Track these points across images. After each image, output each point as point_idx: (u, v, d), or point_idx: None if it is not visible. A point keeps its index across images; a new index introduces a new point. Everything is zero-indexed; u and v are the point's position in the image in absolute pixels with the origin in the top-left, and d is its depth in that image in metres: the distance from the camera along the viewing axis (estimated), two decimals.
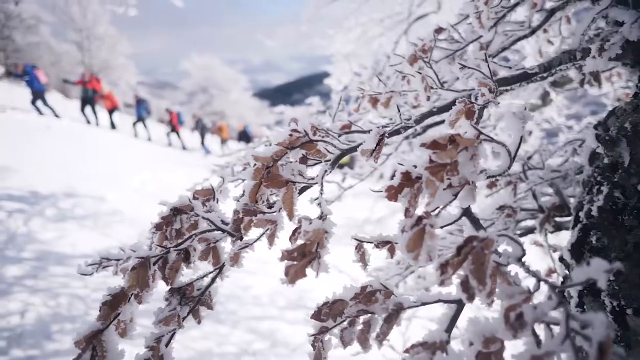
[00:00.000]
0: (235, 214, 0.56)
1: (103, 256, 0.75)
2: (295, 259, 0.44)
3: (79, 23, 29.14)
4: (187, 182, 6.15)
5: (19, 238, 4.13)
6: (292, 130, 0.55)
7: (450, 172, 0.42)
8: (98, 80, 13.15)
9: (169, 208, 0.58)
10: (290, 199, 0.52)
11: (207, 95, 36.17)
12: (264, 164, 0.52)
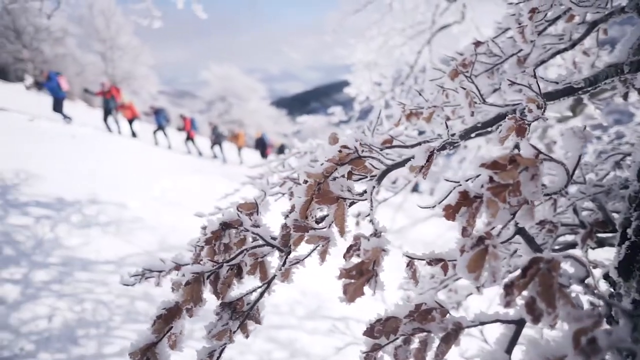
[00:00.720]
0: (284, 229, 0.57)
1: (145, 267, 0.76)
2: (354, 277, 0.45)
3: (103, 34, 30.02)
4: (206, 190, 6.34)
5: (46, 244, 4.24)
6: (342, 146, 0.56)
7: (512, 192, 0.42)
8: (118, 89, 13.46)
9: (218, 222, 0.58)
10: (342, 215, 0.52)
11: (226, 104, 36.68)
12: (316, 180, 0.52)
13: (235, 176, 13.27)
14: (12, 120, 10.54)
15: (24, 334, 2.84)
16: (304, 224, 0.53)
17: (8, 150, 7.10)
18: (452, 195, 0.46)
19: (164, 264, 0.77)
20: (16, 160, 6.61)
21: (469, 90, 0.69)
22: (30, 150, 7.77)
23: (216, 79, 37.02)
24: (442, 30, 3.74)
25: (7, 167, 6.11)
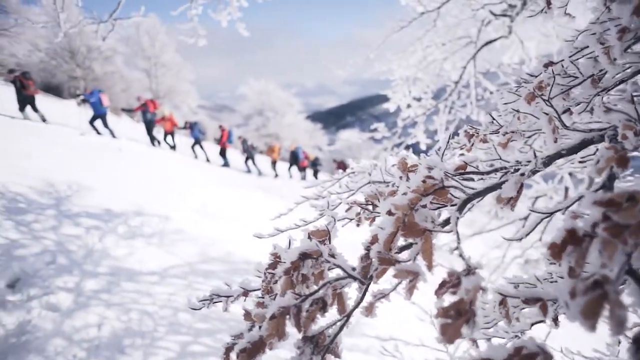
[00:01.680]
0: (364, 260, 0.55)
1: (213, 292, 0.76)
2: (452, 317, 0.42)
3: (148, 52, 31.54)
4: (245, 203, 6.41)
5: (95, 254, 4.41)
6: (426, 177, 0.54)
7: (634, 234, 0.39)
8: (153, 102, 13.96)
9: (297, 253, 0.58)
10: (430, 249, 0.50)
11: (263, 118, 37.47)
12: (403, 212, 0.51)
13: (272, 190, 13.43)
14: (65, 135, 11.16)
15: (76, 342, 2.95)
16: (390, 256, 0.51)
17: (62, 163, 7.50)
18: (558, 233, 0.43)
19: (231, 289, 0.77)
20: (69, 172, 6.96)
21: (553, 116, 0.66)
22: (81, 163, 8.18)
23: (254, 94, 37.96)
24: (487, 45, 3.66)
25: (60, 179, 6.45)
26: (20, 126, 10.66)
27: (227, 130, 15.86)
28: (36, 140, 9.05)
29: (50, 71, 27.63)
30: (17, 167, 6.22)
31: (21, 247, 3.92)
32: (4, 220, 4.37)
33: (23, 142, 8.43)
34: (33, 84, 11.41)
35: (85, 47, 27.11)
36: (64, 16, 3.74)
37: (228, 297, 0.76)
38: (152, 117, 13.87)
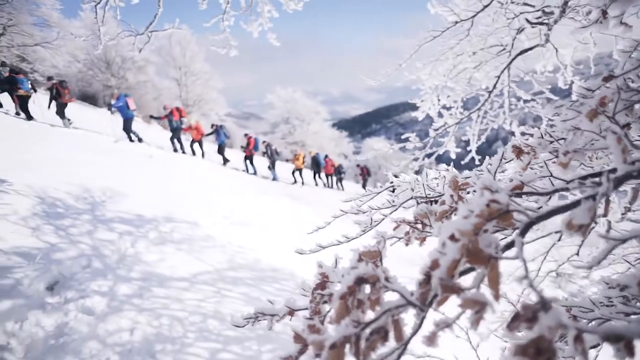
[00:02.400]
0: (422, 286, 0.53)
1: (258, 311, 0.76)
2: (531, 355, 0.40)
3: (179, 62, 32.51)
4: (273, 211, 6.43)
5: (128, 258, 4.52)
6: (491, 200, 0.52)
7: None
8: (179, 110, 14.26)
9: (353, 277, 0.56)
10: (496, 278, 0.48)
11: (289, 126, 37.86)
12: (468, 238, 0.49)
13: (299, 197, 13.47)
14: (100, 142, 11.56)
15: (110, 345, 3.01)
16: (454, 284, 0.49)
17: (97, 170, 7.75)
18: None
19: (275, 307, 0.76)
20: (103, 179, 7.19)
21: (621, 135, 0.62)
22: (114, 169, 8.44)
23: (280, 102, 38.44)
24: (522, 54, 3.57)
25: (96, 185, 6.66)
26: (59, 133, 11.11)
27: (254, 138, 16.07)
28: (73, 147, 9.40)
29: (87, 80, 28.84)
30: (56, 173, 6.47)
31: (59, 251, 4.05)
32: (44, 224, 4.53)
33: (61, 149, 8.77)
34: (68, 92, 11.88)
35: (120, 57, 28.24)
36: (104, 29, 3.87)
37: (273, 315, 0.75)
38: (178, 125, 14.18)
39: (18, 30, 20.75)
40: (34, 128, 10.84)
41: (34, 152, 7.69)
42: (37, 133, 10.22)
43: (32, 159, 7.00)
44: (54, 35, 22.07)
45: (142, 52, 4.77)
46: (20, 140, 8.56)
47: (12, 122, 10.77)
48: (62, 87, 11.82)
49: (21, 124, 10.86)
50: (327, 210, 12.27)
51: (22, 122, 11.28)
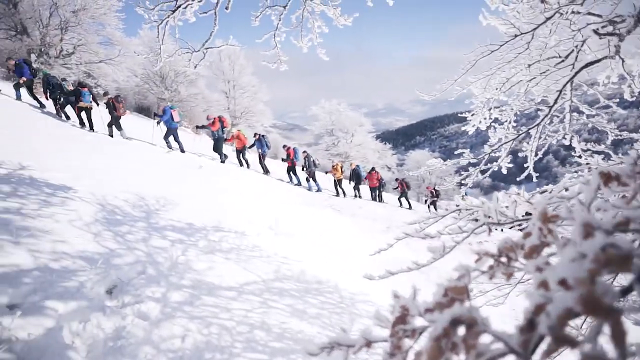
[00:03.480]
0: (524, 333, 0.50)
1: (333, 340, 0.74)
2: None
3: (228, 75, 33.78)
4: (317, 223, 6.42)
5: (179, 266, 4.67)
6: (607, 244, 0.48)
7: None
8: (222, 120, 14.66)
9: (448, 318, 0.54)
10: (621, 334, 0.44)
11: (333, 138, 38.08)
12: (583, 286, 0.45)
13: (343, 209, 13.46)
14: (154, 153, 12.13)
15: (163, 351, 3.11)
16: (568, 335, 0.45)
17: (151, 179, 8.13)
18: None
19: (351, 337, 0.74)
20: (157, 188, 7.52)
21: None
22: (167, 179, 8.82)
23: (325, 114, 38.80)
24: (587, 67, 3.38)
25: (150, 193, 6.97)
26: (116, 144, 11.77)
27: (293, 148, 16.34)
28: (129, 157, 9.92)
29: (143, 94, 30.55)
30: (114, 182, 6.84)
31: (118, 257, 4.26)
32: (104, 230, 4.79)
33: (119, 159, 9.28)
34: (123, 106, 12.61)
35: (174, 71, 29.74)
36: (164, 47, 4.07)
37: (349, 346, 0.73)
38: (220, 135, 14.59)
39: (86, 49, 22.56)
40: (96, 139, 11.56)
41: (95, 161, 8.19)
42: (98, 143, 10.89)
43: (94, 168, 7.45)
44: (116, 52, 23.82)
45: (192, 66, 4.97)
46: (84, 150, 9.14)
47: (78, 133, 11.54)
48: (117, 101, 12.59)
49: (85, 135, 11.62)
50: (370, 223, 12.15)
51: (85, 132, 12.07)
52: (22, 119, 10.68)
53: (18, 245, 3.67)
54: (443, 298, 0.64)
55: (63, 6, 21.02)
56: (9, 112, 11.08)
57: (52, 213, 4.66)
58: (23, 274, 3.29)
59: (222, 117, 14.64)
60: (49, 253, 3.78)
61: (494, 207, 1.05)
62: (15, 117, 10.59)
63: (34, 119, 11.45)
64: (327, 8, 4.81)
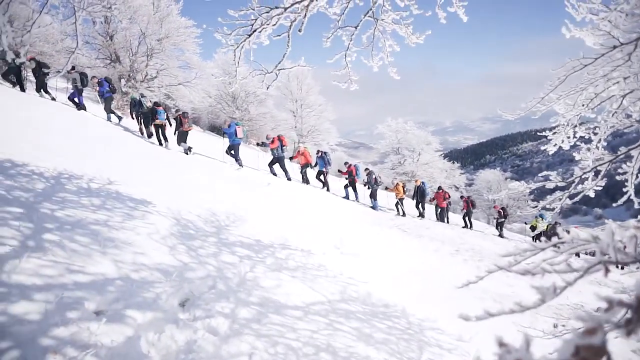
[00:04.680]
0: None
1: None
2: None
3: (296, 95, 34.90)
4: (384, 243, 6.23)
5: (248, 283, 4.75)
6: None
7: None
8: (281, 138, 14.96)
9: None
10: None
11: (399, 156, 37.54)
12: None
13: (410, 229, 13.09)
14: (225, 170, 12.70)
15: None
16: None
17: (222, 195, 8.49)
18: None
19: None
20: (227, 203, 7.82)
21: None
22: (236, 195, 9.15)
23: (391, 132, 38.45)
24: None
25: (221, 209, 7.25)
26: (189, 160, 12.48)
27: (354, 165, 16.32)
28: (201, 173, 10.45)
29: (216, 113, 32.41)
30: (188, 197, 7.22)
31: (190, 270, 4.42)
32: (179, 244, 5.02)
33: (191, 174, 9.81)
34: (187, 121, 13.52)
35: (244, 92, 31.31)
36: (240, 70, 4.25)
37: None
38: (280, 154, 14.89)
39: (167, 73, 24.63)
40: (170, 155, 12.37)
41: (170, 176, 8.73)
42: (172, 160, 11.63)
43: (170, 183, 7.93)
44: (193, 75, 25.72)
45: (264, 87, 5.12)
46: (160, 165, 9.80)
47: (155, 150, 12.44)
48: (183, 117, 13.53)
49: (161, 151, 12.49)
50: (438, 245, 11.68)
51: (161, 149, 12.98)
52: (111, 138, 11.72)
53: (104, 255, 3.94)
54: (573, 358, 0.54)
55: (150, 35, 23.13)
56: (99, 131, 12.22)
57: (134, 226, 4.98)
58: (108, 283, 3.51)
59: (281, 136, 15.04)
60: (130, 264, 4.01)
61: (611, 243, 0.92)
62: (105, 136, 11.64)
63: (123, 138, 12.52)
64: (398, 27, 4.76)
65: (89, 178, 6.19)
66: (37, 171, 5.62)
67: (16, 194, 4.59)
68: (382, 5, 4.61)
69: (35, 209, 4.35)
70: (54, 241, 3.79)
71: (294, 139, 32.41)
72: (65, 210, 4.66)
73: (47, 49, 20.78)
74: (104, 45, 23.24)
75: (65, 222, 4.32)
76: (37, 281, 3.11)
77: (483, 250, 12.55)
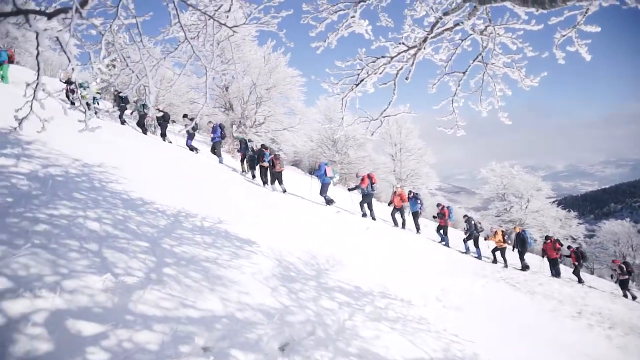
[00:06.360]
0: None
1: None
2: None
3: (395, 138, 34.96)
4: (489, 298, 5.65)
5: (347, 331, 4.61)
6: None
7: None
8: (370, 177, 14.74)
9: None
10: None
11: (505, 203, 34.78)
12: None
13: (520, 283, 11.81)
14: (324, 212, 12.95)
15: None
16: None
17: (321, 238, 8.60)
18: None
19: None
20: (326, 246, 7.88)
21: None
22: (335, 238, 9.19)
23: (495, 177, 36.06)
24: None
25: (320, 252, 7.32)
26: (293, 203, 12.97)
27: (447, 207, 15.53)
28: (302, 215, 10.76)
29: (316, 156, 33.75)
30: (288, 238, 7.44)
31: (290, 314, 4.45)
32: (280, 285, 5.12)
33: (294, 216, 10.14)
34: (279, 162, 14.21)
35: (344, 136, 32.23)
36: (347, 117, 4.36)
37: None
38: (370, 191, 14.70)
39: (273, 119, 26.73)
40: (275, 196, 13.01)
41: (275, 217, 9.12)
42: (276, 201, 12.20)
43: (273, 224, 8.27)
44: (296, 121, 27.44)
45: (363, 131, 5.17)
46: (266, 205, 10.33)
47: (261, 190, 13.23)
48: (276, 158, 14.28)
49: (266, 192, 13.22)
50: (554, 305, 10.30)
51: (266, 190, 13.76)
52: (220, 179, 12.78)
53: (213, 292, 4.16)
54: None
55: (260, 85, 25.47)
56: (209, 172, 13.41)
57: (240, 265, 5.22)
58: (215, 320, 3.67)
59: (371, 174, 14.97)
60: (235, 302, 4.16)
61: None
62: (214, 177, 12.72)
63: (231, 179, 13.59)
64: (510, 70, 4.54)
65: (202, 217, 6.73)
66: (161, 209, 6.28)
67: (144, 229, 5.14)
68: (493, 50, 4.46)
69: (158, 244, 4.82)
70: (171, 275, 4.12)
71: (392, 182, 32.04)
72: (182, 246, 5.08)
73: (175, 100, 24.12)
74: (220, 95, 26.34)
75: (181, 257, 4.70)
76: (157, 312, 3.37)
77: (613, 316, 10.73)
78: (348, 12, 4.17)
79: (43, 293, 2.92)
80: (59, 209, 4.66)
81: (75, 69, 2.65)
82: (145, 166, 9.66)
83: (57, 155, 6.81)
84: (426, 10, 4.33)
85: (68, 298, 3.03)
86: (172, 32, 3.98)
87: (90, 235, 4.23)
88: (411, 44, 4.35)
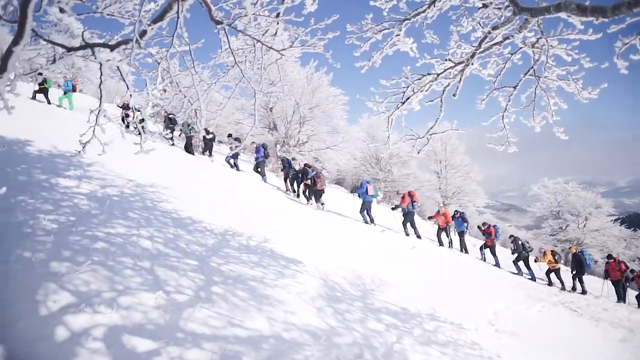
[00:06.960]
0: None
1: None
2: None
3: (440, 156, 34.22)
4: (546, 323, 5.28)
5: (395, 355, 4.46)
6: None
7: None
8: (412, 194, 14.35)
9: None
10: None
11: (560, 221, 32.76)
12: None
13: (582, 310, 10.96)
14: (367, 231, 12.80)
15: None
16: None
17: (366, 257, 8.47)
18: None
19: None
20: (372, 266, 7.74)
21: None
22: (381, 257, 9.03)
23: (548, 194, 34.14)
24: None
25: (365, 271, 7.20)
26: (335, 220, 12.93)
27: (494, 226, 14.93)
28: (347, 234, 10.68)
29: (360, 174, 33.60)
30: (333, 257, 7.37)
31: (337, 335, 4.37)
32: (326, 306, 5.07)
33: (338, 235, 10.09)
34: (320, 180, 14.25)
35: (389, 154, 31.91)
36: (392, 136, 4.32)
37: None
38: (411, 210, 14.33)
39: (316, 138, 27.06)
40: (316, 214, 13.04)
41: (316, 235, 9.10)
42: (318, 218, 12.21)
43: (316, 242, 8.25)
44: (339, 139, 27.58)
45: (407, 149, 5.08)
46: (308, 223, 10.35)
47: (303, 208, 13.32)
48: (317, 176, 14.35)
49: (308, 210, 13.29)
50: (624, 334, 9.45)
51: (309, 208, 13.84)
52: (264, 198, 12.99)
53: (260, 311, 4.17)
54: None
55: (303, 105, 25.90)
56: (254, 192, 13.67)
57: (285, 284, 5.22)
58: (262, 340, 3.67)
59: (412, 192, 14.63)
60: (281, 322, 4.15)
61: None
62: (259, 196, 12.95)
63: (275, 197, 13.79)
64: (565, 83, 4.33)
65: (248, 235, 6.84)
66: (209, 227, 6.45)
67: (193, 247, 5.28)
68: (545, 62, 4.28)
69: (206, 262, 4.93)
70: (219, 294, 4.19)
71: (438, 200, 31.23)
72: (229, 264, 5.16)
73: (222, 121, 25.02)
74: (265, 115, 27.01)
75: (228, 276, 4.77)
76: (206, 331, 3.42)
77: None
78: (393, 30, 4.18)
79: (102, 309, 3.05)
80: (115, 227, 4.90)
81: (132, 95, 2.83)
82: (193, 186, 10.02)
83: (113, 176, 7.22)
84: (473, 25, 4.25)
85: (124, 314, 3.14)
86: (222, 57, 4.15)
87: (143, 253, 4.40)
88: (458, 60, 4.27)
